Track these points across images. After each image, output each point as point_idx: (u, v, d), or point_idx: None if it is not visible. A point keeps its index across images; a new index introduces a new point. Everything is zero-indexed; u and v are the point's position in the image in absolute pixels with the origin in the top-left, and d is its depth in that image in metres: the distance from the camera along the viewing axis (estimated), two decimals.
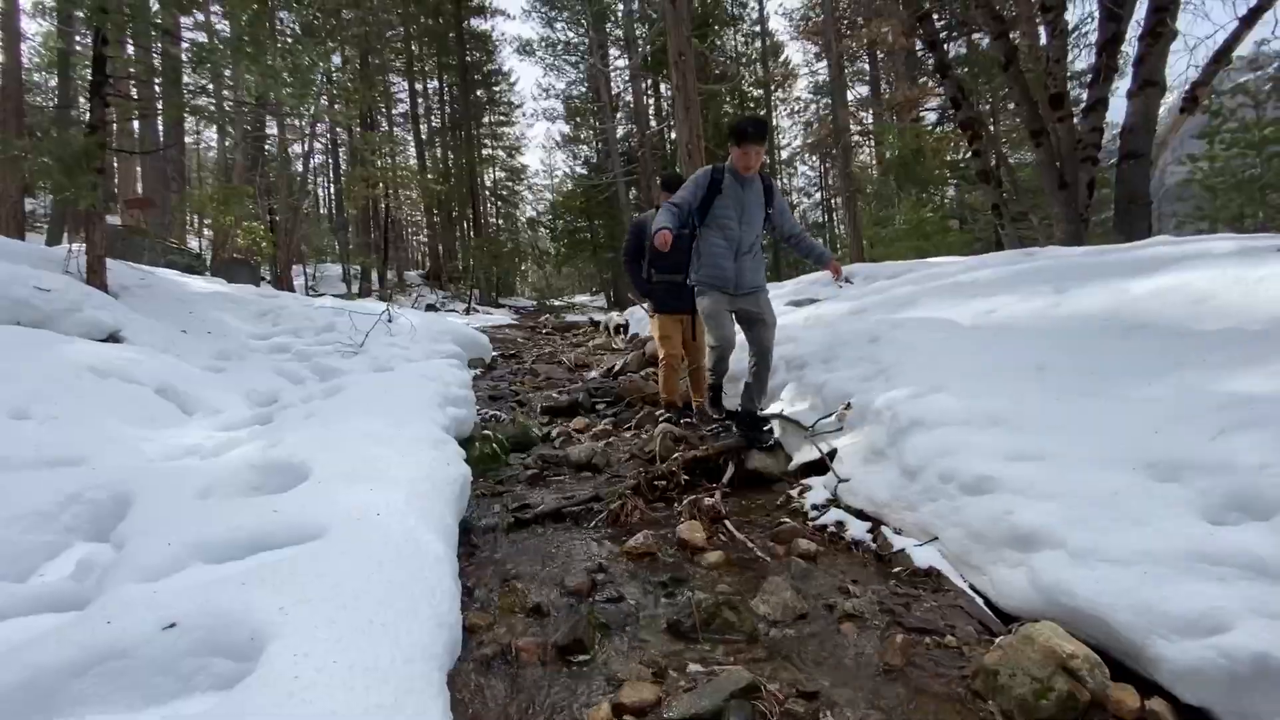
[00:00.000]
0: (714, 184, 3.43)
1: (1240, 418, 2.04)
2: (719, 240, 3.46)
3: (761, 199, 3.48)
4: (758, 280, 3.56)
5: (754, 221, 3.49)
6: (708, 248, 3.48)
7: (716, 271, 3.47)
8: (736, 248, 3.45)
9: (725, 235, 3.44)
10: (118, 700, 1.12)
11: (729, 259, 3.46)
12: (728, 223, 3.44)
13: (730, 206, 3.42)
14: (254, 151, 17.71)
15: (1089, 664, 1.50)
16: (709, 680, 1.63)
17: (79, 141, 5.16)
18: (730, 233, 3.43)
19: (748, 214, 3.46)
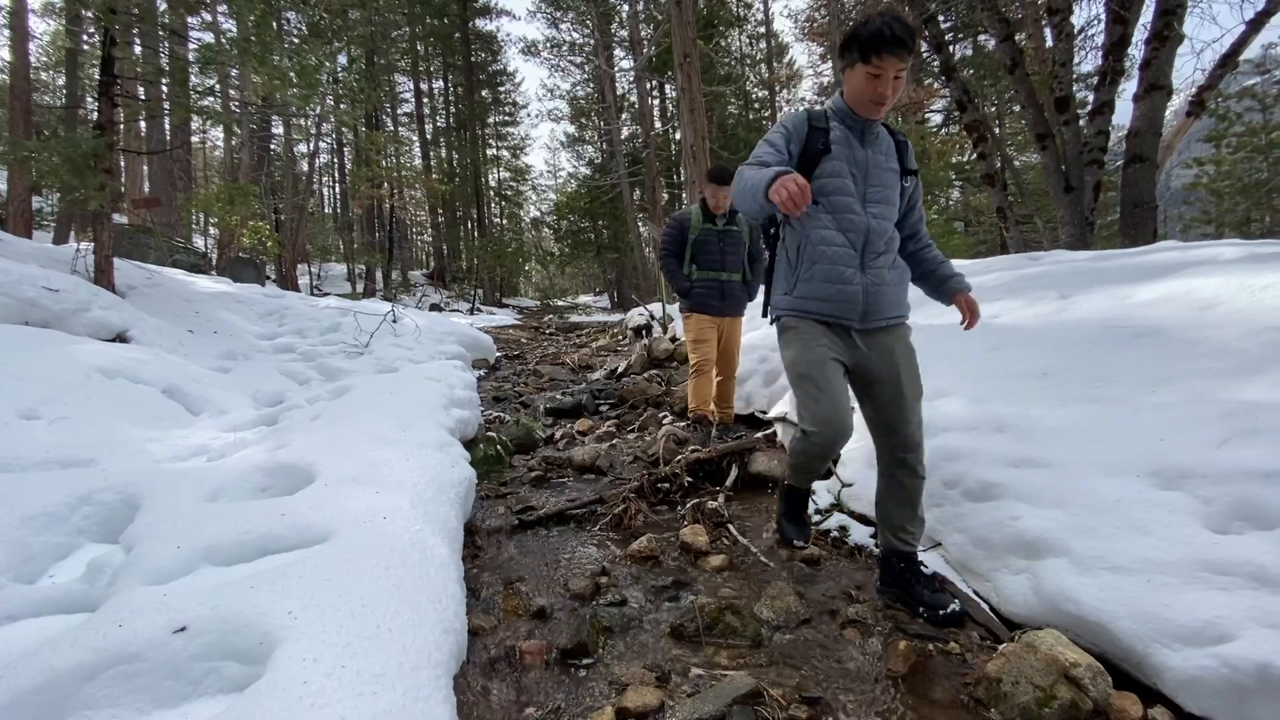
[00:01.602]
0: (816, 135, 2.00)
1: (1245, 426, 2.04)
2: (830, 233, 1.99)
3: (895, 163, 2.05)
4: (899, 306, 2.08)
5: (887, 199, 2.03)
6: (810, 247, 2.01)
7: (829, 290, 1.99)
8: (864, 245, 1.99)
9: (842, 223, 1.98)
10: (129, 704, 1.13)
11: (853, 264, 1.98)
12: (844, 202, 1.98)
13: (846, 174, 1.98)
14: (260, 151, 17.78)
15: (1091, 672, 1.51)
16: (712, 685, 1.64)
17: (87, 142, 5.19)
18: (851, 219, 1.98)
19: (875, 186, 2.01)
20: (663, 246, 4.13)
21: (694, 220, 4.01)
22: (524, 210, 32.33)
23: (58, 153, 5.20)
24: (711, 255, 3.96)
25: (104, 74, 5.53)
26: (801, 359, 2.02)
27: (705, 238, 3.98)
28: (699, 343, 4.04)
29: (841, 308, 2.01)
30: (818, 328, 2.04)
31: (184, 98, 6.80)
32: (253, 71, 6.40)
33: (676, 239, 4.05)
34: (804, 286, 2.04)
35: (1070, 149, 7.34)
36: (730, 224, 4.00)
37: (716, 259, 3.96)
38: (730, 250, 3.99)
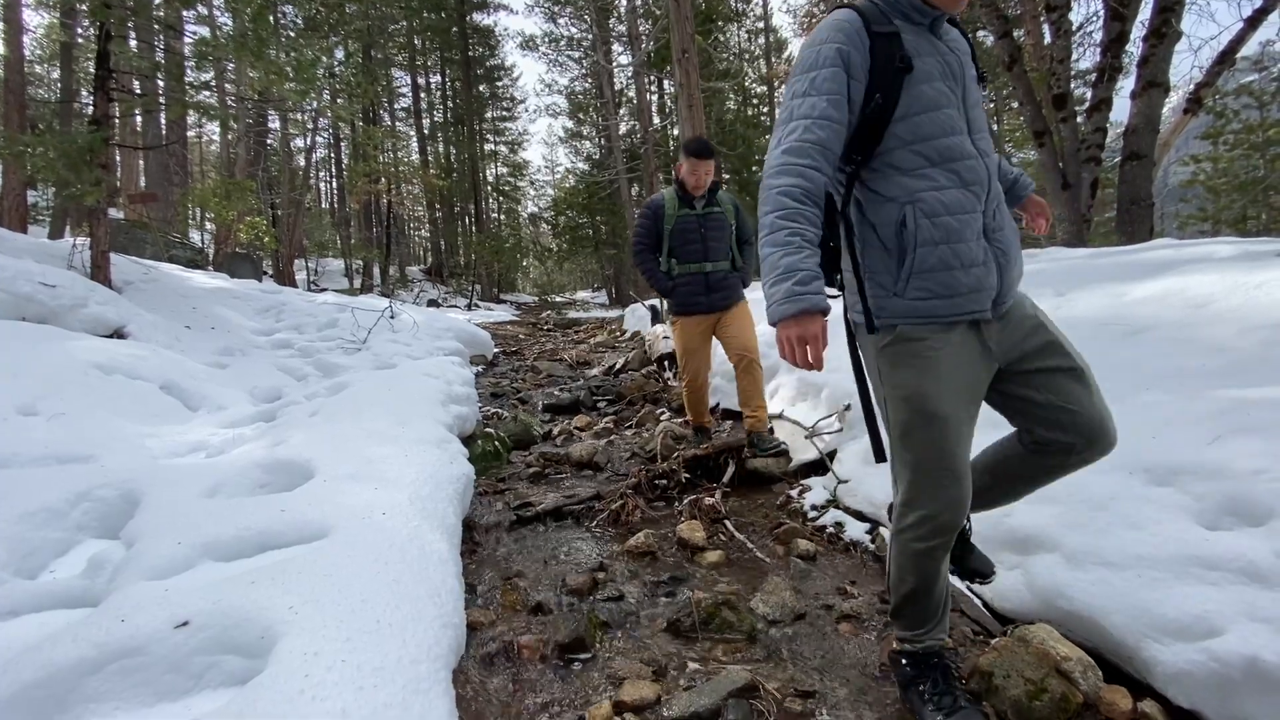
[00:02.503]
0: (884, 46, 1.34)
1: (1237, 423, 2.06)
2: (949, 194, 1.35)
3: (974, 70, 1.46)
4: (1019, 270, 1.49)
5: (985, 125, 1.48)
6: (922, 218, 1.35)
7: (957, 279, 1.36)
8: (986, 201, 1.40)
9: (962, 174, 1.36)
10: (131, 697, 1.14)
11: (978, 233, 1.38)
12: (953, 143, 1.37)
13: (947, 99, 1.37)
14: (256, 146, 17.71)
15: (1082, 666, 1.53)
16: (708, 679, 1.66)
17: (83, 136, 5.18)
18: (970, 165, 1.37)
19: (975, 109, 1.43)
20: (635, 241, 3.56)
21: (668, 205, 3.42)
22: (522, 206, 32.30)
23: (53, 147, 5.18)
24: (692, 245, 3.39)
25: (99, 68, 5.50)
26: (931, 408, 1.35)
27: (683, 225, 3.41)
28: (688, 353, 3.56)
29: (974, 299, 1.36)
30: (945, 340, 1.37)
31: (180, 92, 6.77)
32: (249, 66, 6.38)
33: (650, 230, 3.47)
34: (921, 280, 1.34)
35: (1068, 146, 7.36)
36: (711, 205, 3.43)
37: (698, 249, 3.39)
38: (714, 236, 3.42)
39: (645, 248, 3.51)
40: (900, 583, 1.51)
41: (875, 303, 1.42)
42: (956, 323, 1.38)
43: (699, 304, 3.46)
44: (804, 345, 1.26)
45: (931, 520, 1.40)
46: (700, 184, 3.37)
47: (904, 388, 1.39)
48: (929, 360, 1.37)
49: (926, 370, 1.37)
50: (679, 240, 3.43)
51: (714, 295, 3.44)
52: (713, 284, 3.43)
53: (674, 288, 3.46)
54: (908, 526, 1.44)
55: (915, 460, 1.40)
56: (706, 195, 3.43)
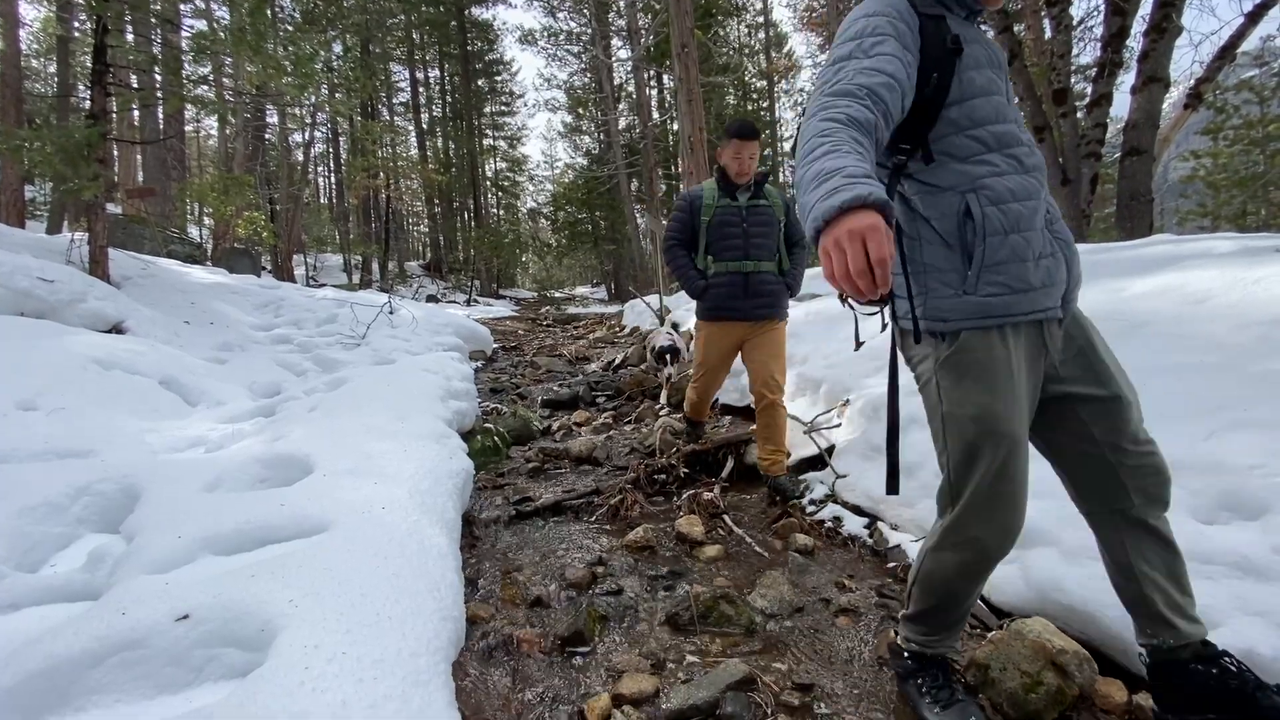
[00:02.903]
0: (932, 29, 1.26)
1: (1234, 419, 2.07)
2: (1015, 180, 1.28)
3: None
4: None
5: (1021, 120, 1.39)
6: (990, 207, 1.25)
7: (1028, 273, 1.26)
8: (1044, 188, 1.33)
9: (1023, 161, 1.30)
10: (132, 690, 1.15)
11: (1040, 217, 1.30)
12: (1008, 130, 1.30)
13: (998, 85, 1.32)
14: (254, 141, 17.65)
15: (1078, 659, 1.54)
16: (706, 672, 1.67)
17: (80, 131, 5.16)
18: (1027, 153, 1.32)
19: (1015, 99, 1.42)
20: (668, 234, 3.20)
21: (707, 196, 3.06)
22: (521, 201, 32.25)
23: (51, 142, 5.17)
24: (733, 241, 3.01)
25: (96, 62, 5.48)
26: (1003, 429, 1.24)
27: (724, 218, 3.02)
28: (706, 367, 3.22)
29: (1046, 295, 1.27)
30: (1014, 346, 1.26)
31: (178, 86, 6.75)
32: (247, 60, 6.35)
33: (685, 223, 3.10)
34: (993, 275, 1.24)
35: (1068, 141, 7.35)
36: (757, 197, 3.03)
37: (739, 245, 3.00)
38: (759, 233, 3.01)
39: (677, 243, 3.13)
40: (926, 595, 1.44)
41: (938, 305, 1.27)
42: (1023, 324, 1.27)
43: (734, 309, 3.03)
44: (858, 241, 0.89)
45: (981, 547, 1.30)
46: (745, 170, 2.98)
47: (971, 404, 1.25)
48: (999, 372, 1.24)
49: (997, 383, 1.24)
50: (717, 234, 3.04)
51: (753, 301, 3.01)
52: (754, 288, 3.01)
53: (706, 288, 3.06)
54: (951, 548, 1.34)
55: (976, 485, 1.27)
56: (753, 185, 3.03)
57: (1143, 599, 1.33)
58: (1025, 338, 1.28)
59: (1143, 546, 1.33)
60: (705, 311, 3.14)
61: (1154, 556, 1.32)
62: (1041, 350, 1.30)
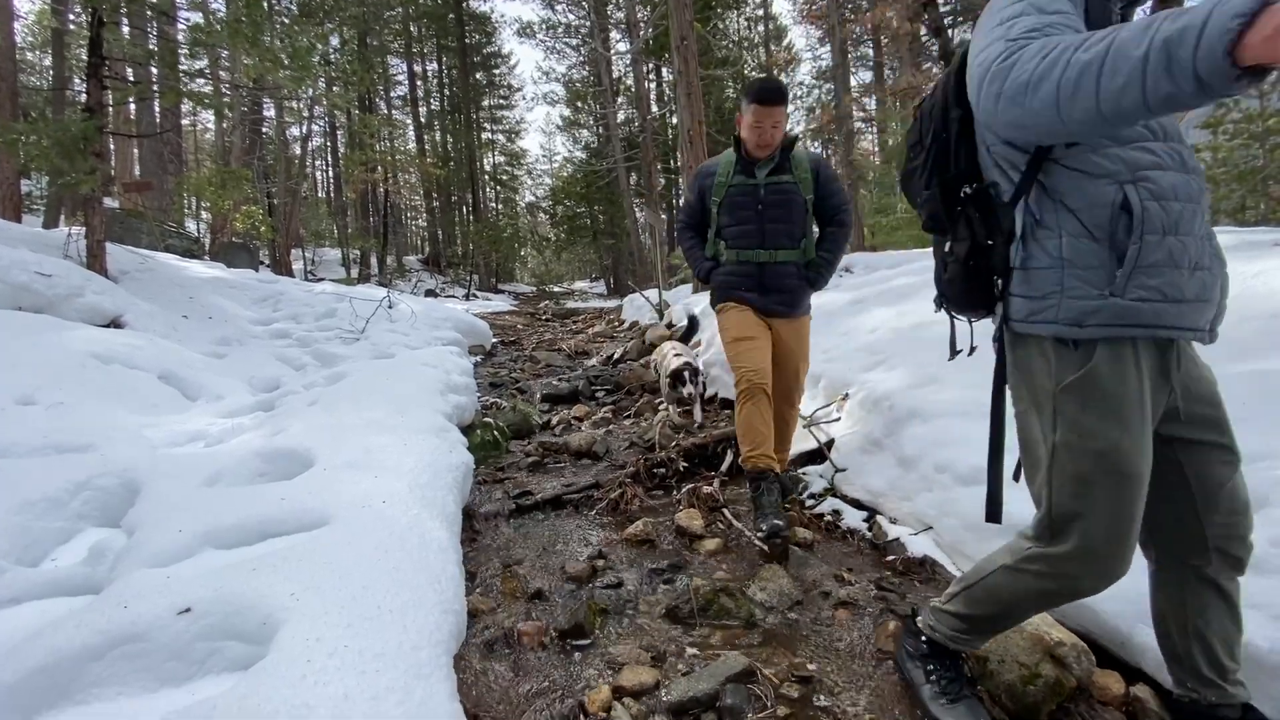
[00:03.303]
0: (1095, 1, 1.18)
1: (1231, 413, 2.06)
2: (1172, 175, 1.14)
3: None
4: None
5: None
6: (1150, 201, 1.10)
7: (1186, 281, 1.12)
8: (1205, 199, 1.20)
9: (1183, 154, 1.20)
10: (134, 683, 1.16)
11: (1201, 223, 1.16)
12: (1171, 121, 1.23)
13: None
14: (251, 134, 17.58)
15: (1076, 651, 1.55)
16: (706, 664, 1.68)
17: (76, 124, 5.13)
18: (1188, 149, 1.24)
19: None
20: (681, 215, 2.89)
21: (721, 173, 2.63)
22: (520, 195, 32.16)
23: (47, 135, 5.14)
24: (746, 226, 2.59)
25: (92, 55, 5.45)
26: (1126, 468, 1.13)
27: (738, 198, 2.59)
28: (742, 341, 2.59)
29: (1197, 311, 1.14)
30: (1144, 367, 1.14)
31: (174, 80, 6.71)
32: (243, 53, 6.32)
33: (694, 206, 2.78)
34: (1146, 278, 1.10)
35: None
36: (780, 171, 2.57)
37: (754, 231, 2.59)
38: (776, 216, 2.58)
39: (686, 226, 2.82)
40: (983, 604, 1.35)
41: (1076, 306, 1.12)
42: (1161, 342, 1.14)
43: (750, 302, 2.67)
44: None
45: (1074, 586, 1.21)
46: (766, 142, 2.48)
47: (1096, 439, 1.13)
48: (1130, 402, 1.12)
49: (1126, 416, 1.12)
50: (729, 219, 2.64)
51: (769, 296, 2.62)
52: (769, 281, 2.61)
53: (713, 269, 2.73)
54: (1036, 576, 1.24)
55: (1087, 527, 1.15)
56: (775, 158, 2.56)
57: (1189, 656, 1.27)
58: (1155, 359, 1.15)
59: (1207, 609, 1.25)
60: (719, 291, 2.76)
61: (1216, 621, 1.25)
62: (1166, 380, 1.17)
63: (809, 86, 27.92)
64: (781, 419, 2.71)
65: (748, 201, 2.60)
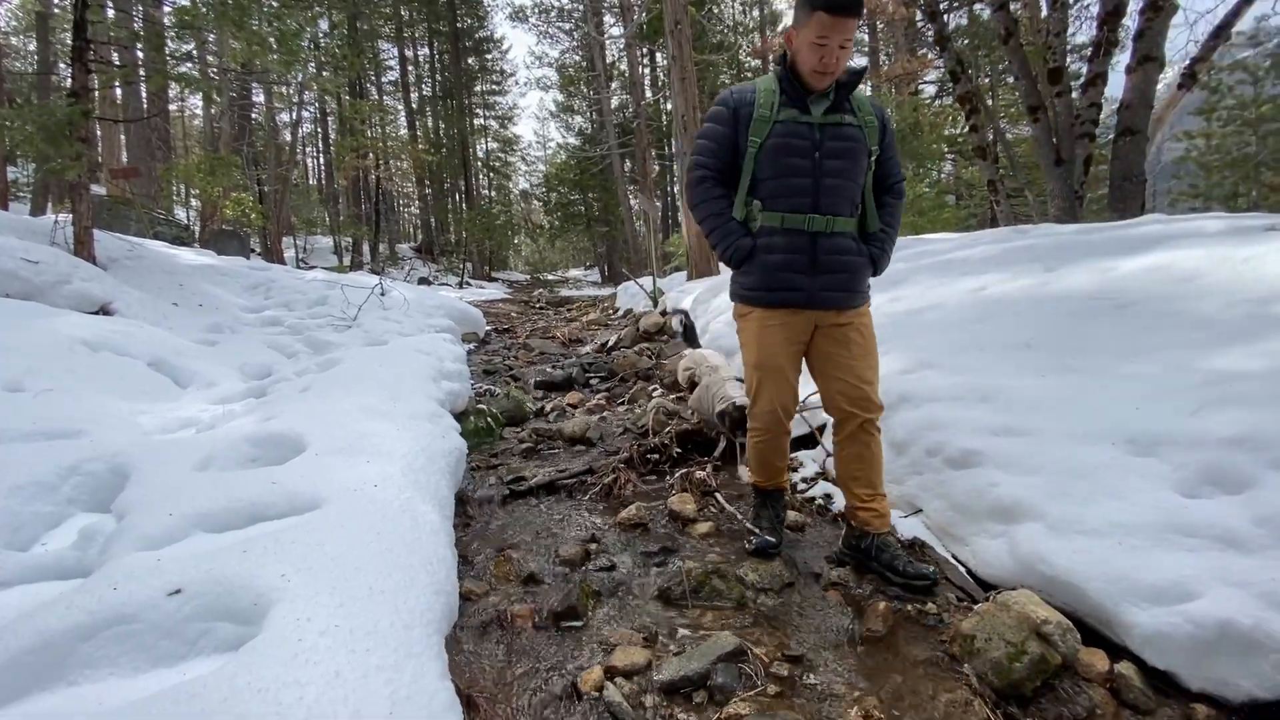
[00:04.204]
0: None
1: (1219, 395, 2.09)
2: None
3: None
4: None
5: None
6: None
7: None
8: None
9: None
10: (125, 663, 1.16)
11: None
12: None
13: None
14: (241, 120, 17.36)
15: (1061, 629, 1.57)
16: (697, 644, 1.69)
17: (62, 109, 5.06)
18: None
19: None
20: (695, 158, 2.05)
21: (762, 102, 1.93)
22: (513, 182, 31.94)
23: (32, 121, 5.06)
24: (796, 179, 1.92)
25: (77, 38, 5.36)
26: None
27: (785, 140, 1.91)
28: (764, 370, 2.04)
29: None
30: None
31: (160, 63, 6.60)
32: (231, 36, 6.22)
33: (723, 141, 1.99)
34: None
35: (1062, 121, 7.32)
36: (840, 110, 1.93)
37: (806, 188, 1.92)
38: (837, 170, 1.93)
39: (708, 174, 2.01)
40: None
41: None
42: None
43: (795, 290, 1.96)
44: None
45: None
46: (828, 67, 1.83)
47: None
48: None
49: None
50: (772, 168, 1.93)
51: (822, 279, 1.96)
52: (823, 259, 1.95)
53: (752, 251, 1.99)
54: None
55: None
56: (834, 91, 1.92)
57: None
58: None
59: None
60: (750, 290, 2.03)
61: None
62: None
63: None
64: (860, 440, 2.03)
65: (801, 146, 1.90)
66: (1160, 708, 1.45)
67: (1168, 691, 1.48)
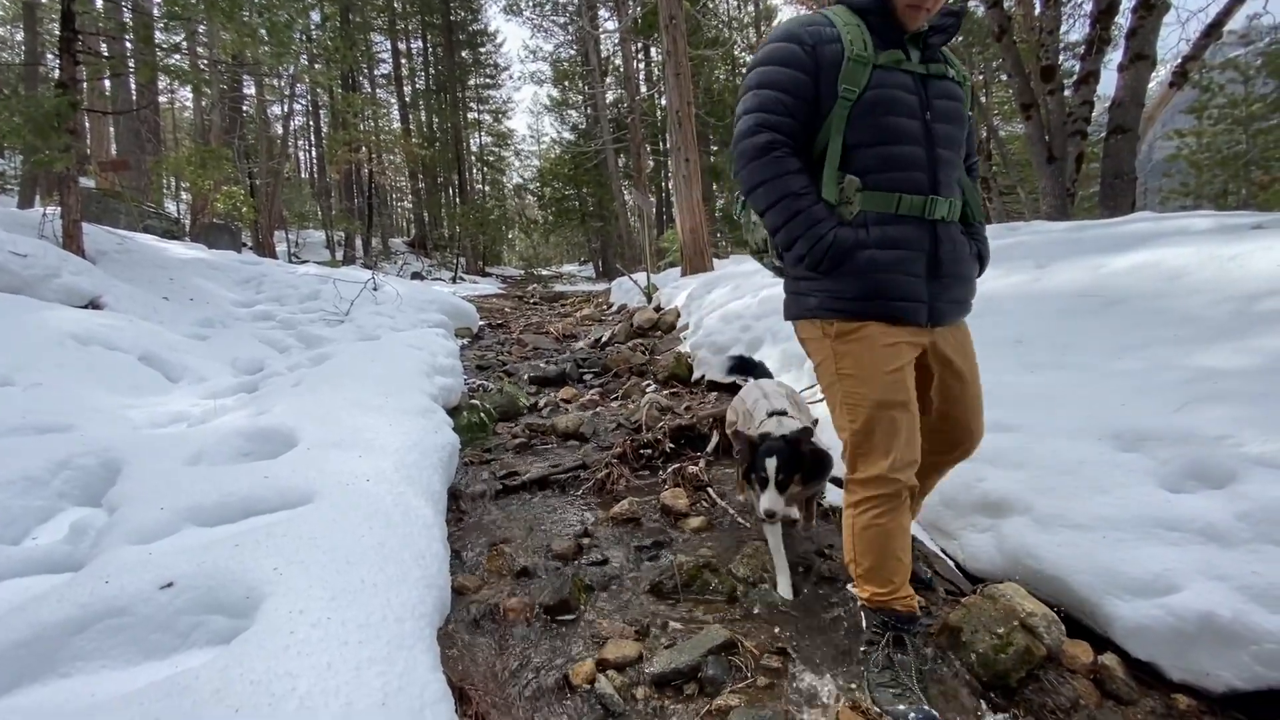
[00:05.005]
0: None
1: (1205, 391, 2.12)
2: None
3: None
4: None
5: None
6: None
7: None
8: None
9: None
10: (118, 655, 1.16)
11: None
12: None
13: None
14: (231, 113, 17.20)
15: (1046, 621, 1.59)
16: (689, 637, 1.71)
17: (49, 100, 5.00)
18: None
19: None
20: (756, 121, 1.47)
21: (849, 39, 1.43)
22: (507, 177, 31.75)
23: (19, 112, 5.00)
24: (906, 148, 1.46)
25: (64, 29, 5.30)
26: None
27: (891, 92, 1.44)
28: (894, 409, 1.47)
29: None
30: None
31: (149, 55, 6.54)
32: (221, 28, 6.16)
33: (796, 94, 1.46)
34: None
35: (1054, 119, 7.35)
36: (934, 60, 1.51)
37: (920, 159, 1.47)
38: (949, 136, 1.51)
39: (779, 140, 1.46)
40: None
41: None
42: None
43: (916, 301, 1.48)
44: None
45: None
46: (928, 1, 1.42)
47: None
48: None
49: None
50: (872, 131, 1.44)
51: (943, 284, 1.51)
52: (945, 254, 1.50)
53: (852, 249, 1.45)
54: None
55: None
56: (925, 38, 1.49)
57: None
58: None
59: None
60: (856, 301, 1.47)
61: None
62: None
63: None
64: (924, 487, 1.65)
65: (909, 103, 1.42)
66: (1142, 698, 1.47)
67: (1150, 682, 1.51)
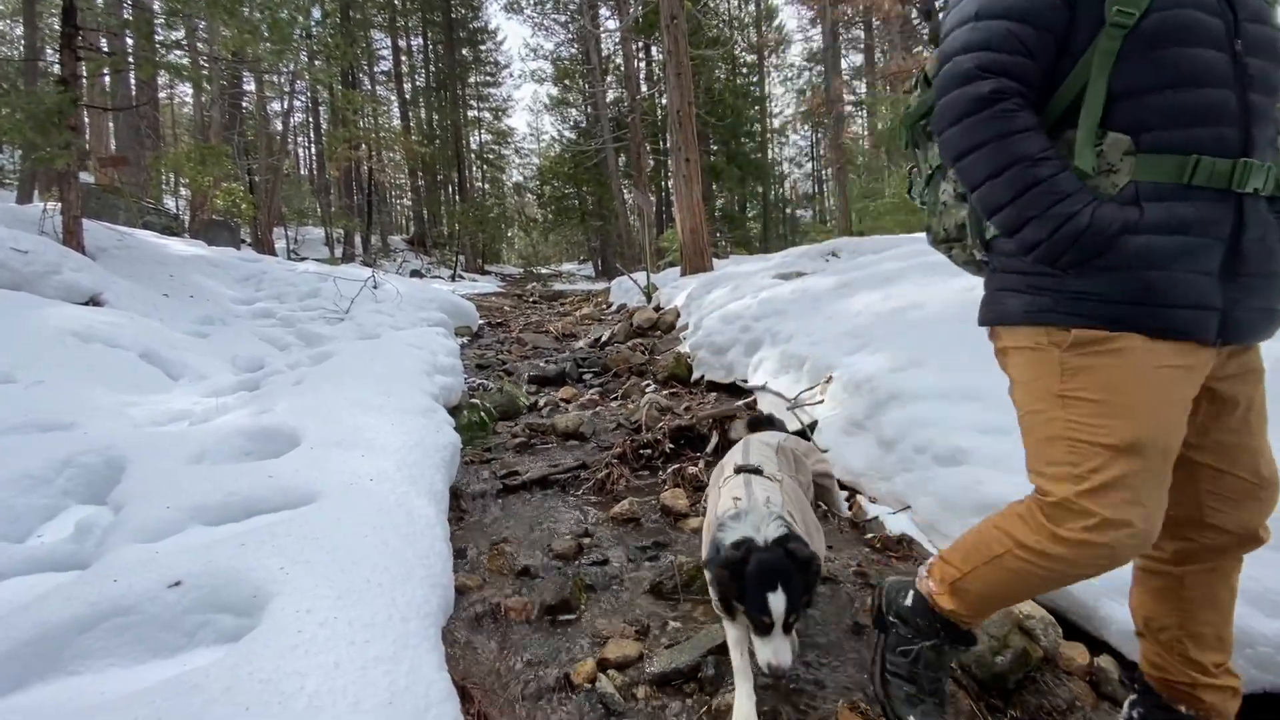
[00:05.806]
0: None
1: None
2: None
3: None
4: None
5: None
6: None
7: None
8: None
9: None
10: (125, 654, 1.17)
11: None
12: None
13: None
14: (231, 109, 17.17)
15: (1044, 624, 1.61)
16: (689, 637, 1.72)
17: (50, 97, 5.00)
18: None
19: None
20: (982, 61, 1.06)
21: None
22: (506, 175, 31.76)
23: (19, 108, 5.00)
24: (1211, 89, 0.99)
25: (65, 25, 5.29)
26: None
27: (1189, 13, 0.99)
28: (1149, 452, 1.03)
29: None
30: None
31: (149, 51, 6.53)
32: (221, 24, 6.16)
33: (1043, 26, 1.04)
34: None
35: None
36: None
37: (1229, 108, 1.00)
38: (1268, 76, 1.03)
39: (1011, 89, 1.06)
40: None
41: None
42: None
43: (1205, 308, 1.03)
44: None
45: None
46: None
47: None
48: None
49: None
50: (1157, 71, 1.01)
51: (1245, 285, 1.05)
52: (1251, 241, 1.03)
53: (1118, 234, 1.01)
54: None
55: None
56: None
57: None
58: None
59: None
60: (1118, 304, 1.05)
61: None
62: None
63: (799, 69, 27.76)
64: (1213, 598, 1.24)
65: (1212, 29, 1.02)
66: None
67: None
